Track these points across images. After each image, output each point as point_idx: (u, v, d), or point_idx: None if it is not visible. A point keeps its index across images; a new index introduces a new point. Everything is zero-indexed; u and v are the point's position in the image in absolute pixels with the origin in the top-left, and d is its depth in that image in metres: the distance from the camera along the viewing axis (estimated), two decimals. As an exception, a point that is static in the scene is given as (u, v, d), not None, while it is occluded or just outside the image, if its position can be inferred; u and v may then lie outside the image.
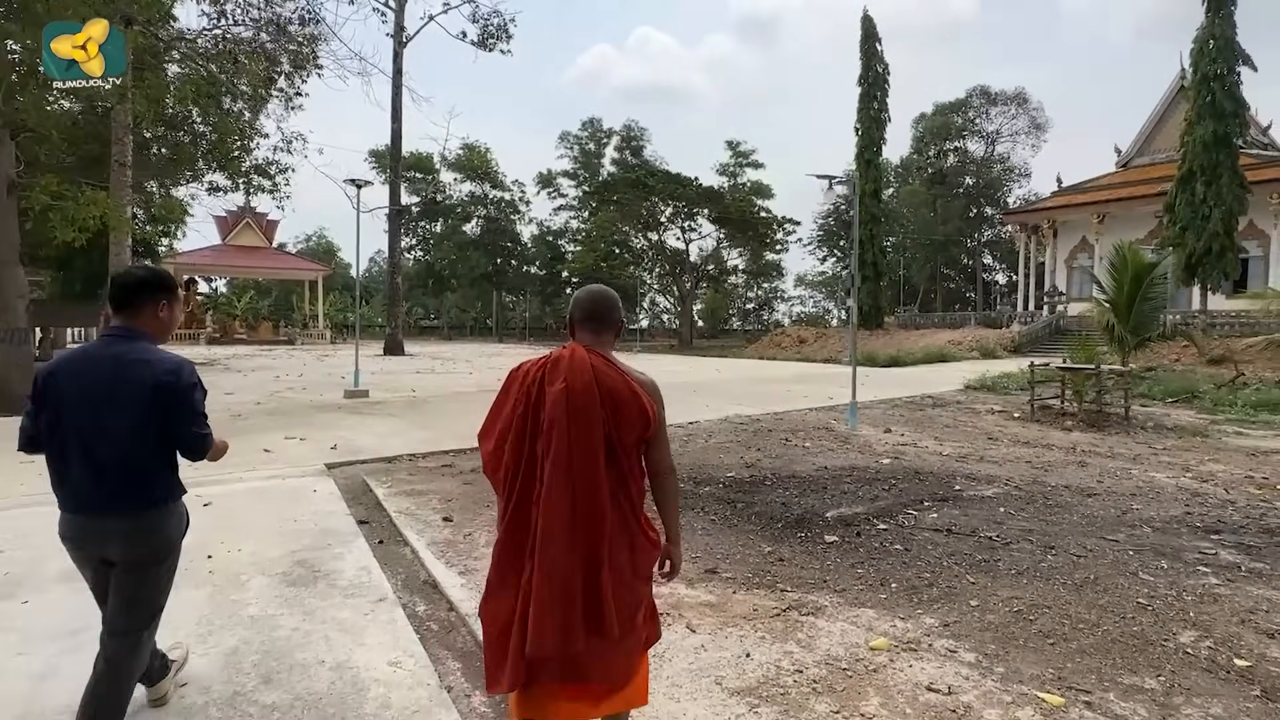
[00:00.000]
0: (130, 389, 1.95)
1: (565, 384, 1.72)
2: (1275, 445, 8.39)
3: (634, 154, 51.04)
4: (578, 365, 1.76)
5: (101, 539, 2.01)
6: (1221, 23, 19.91)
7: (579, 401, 1.71)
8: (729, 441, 7.97)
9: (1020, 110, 53.88)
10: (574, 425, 1.70)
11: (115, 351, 1.99)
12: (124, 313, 2.05)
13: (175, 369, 2.00)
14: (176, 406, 2.00)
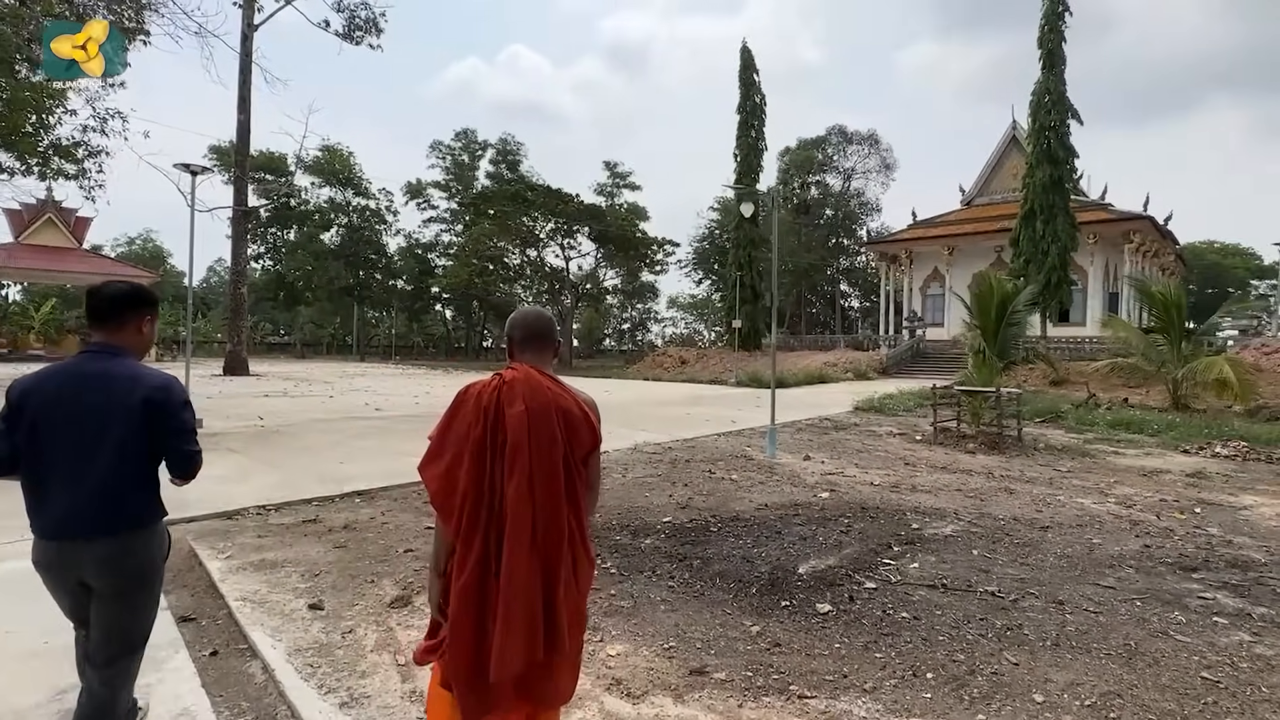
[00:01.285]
0: (118, 406, 1.88)
1: (525, 406, 1.73)
2: (1154, 464, 8.81)
3: (510, 168, 49.56)
4: (534, 386, 1.77)
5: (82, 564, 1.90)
6: (1054, 79, 22.27)
7: (540, 422, 1.72)
8: (649, 476, 7.09)
9: (873, 150, 58.29)
10: (536, 446, 1.71)
11: (100, 368, 1.92)
12: (105, 328, 1.97)
13: (165, 385, 1.94)
14: (167, 424, 1.92)
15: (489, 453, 1.71)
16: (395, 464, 7.29)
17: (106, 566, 1.91)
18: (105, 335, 1.97)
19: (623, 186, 47.42)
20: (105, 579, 1.92)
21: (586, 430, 1.82)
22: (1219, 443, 10.25)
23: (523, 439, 1.69)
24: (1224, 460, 9.33)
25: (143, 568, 2.00)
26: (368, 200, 47.12)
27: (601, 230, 35.59)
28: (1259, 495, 6.95)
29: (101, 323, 1.97)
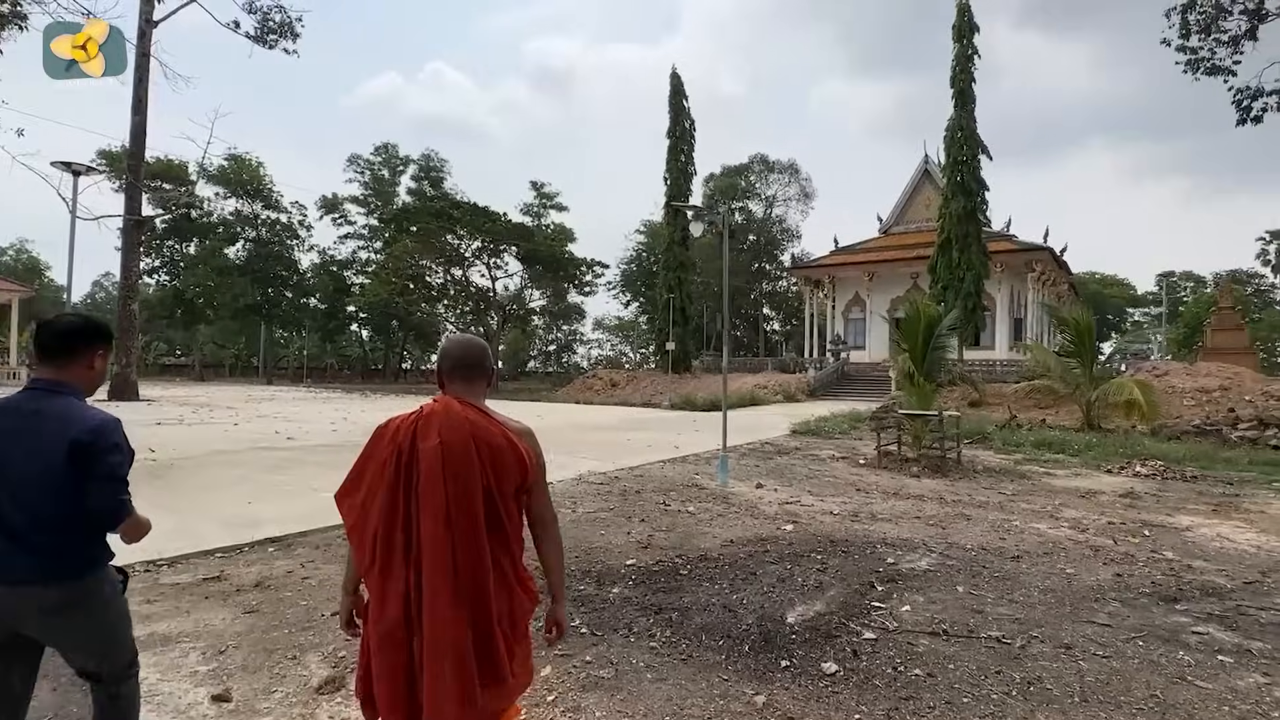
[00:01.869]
0: (47, 449, 1.77)
1: (440, 439, 1.67)
2: (1087, 484, 9.04)
3: (433, 185, 48.11)
4: (452, 419, 1.71)
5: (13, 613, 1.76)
6: (966, 117, 23.58)
7: (455, 456, 1.66)
8: (601, 511, 6.59)
9: (793, 178, 60.29)
10: (450, 481, 1.65)
11: (37, 406, 1.82)
12: (53, 363, 1.87)
13: (96, 428, 1.81)
14: (91, 468, 1.79)
15: (402, 489, 1.66)
16: (315, 503, 6.49)
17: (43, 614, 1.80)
18: (52, 370, 1.88)
19: (550, 207, 46.87)
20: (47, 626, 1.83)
21: (514, 462, 1.73)
22: (1137, 461, 10.71)
23: (436, 474, 1.64)
24: (1146, 479, 9.71)
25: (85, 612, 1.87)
26: (278, 214, 44.56)
27: (530, 250, 34.89)
28: (1192, 515, 7.15)
29: (49, 357, 1.87)
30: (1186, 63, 15.29)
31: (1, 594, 1.76)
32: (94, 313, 23.94)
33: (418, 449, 1.66)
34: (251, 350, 54.02)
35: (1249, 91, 14.88)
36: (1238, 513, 7.34)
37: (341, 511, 1.76)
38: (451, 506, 1.64)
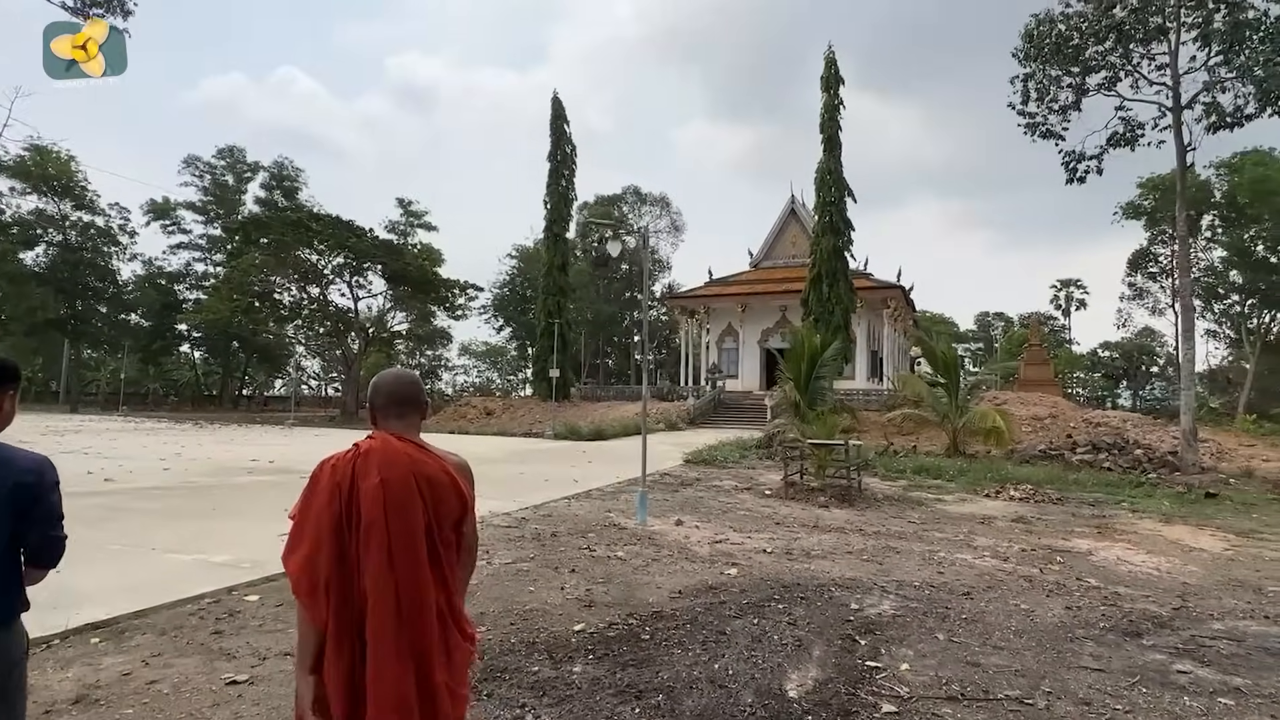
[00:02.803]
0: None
1: (381, 477, 1.62)
2: (976, 509, 9.43)
3: (286, 196, 44.15)
4: (391, 455, 1.66)
5: None
6: (834, 161, 25.17)
7: (397, 494, 1.61)
8: (521, 560, 5.77)
9: (664, 211, 62.04)
10: (393, 521, 1.59)
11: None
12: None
13: (37, 468, 1.77)
14: (35, 510, 1.73)
15: (346, 531, 1.61)
16: (157, 567, 5.19)
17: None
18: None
19: (418, 225, 44.51)
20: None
21: (454, 496, 1.72)
22: (1011, 485, 11.45)
23: (378, 513, 1.60)
24: (1022, 502, 10.35)
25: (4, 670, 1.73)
26: (93, 216, 38.70)
27: (399, 269, 32.63)
28: (1083, 539, 7.55)
29: None
30: (1025, 125, 17.16)
31: None
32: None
33: (358, 488, 1.61)
34: (53, 373, 46.25)
35: (1075, 155, 16.94)
36: (1117, 534, 7.87)
37: (288, 571, 1.63)
38: (394, 545, 1.59)
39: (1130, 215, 42.64)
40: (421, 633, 1.60)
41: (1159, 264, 46.27)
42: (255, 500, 8.54)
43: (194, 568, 5.22)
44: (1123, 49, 14.72)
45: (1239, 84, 14.10)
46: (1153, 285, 47.07)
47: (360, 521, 1.59)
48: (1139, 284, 47.27)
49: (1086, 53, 14.89)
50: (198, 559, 5.45)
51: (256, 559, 5.45)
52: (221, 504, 7.92)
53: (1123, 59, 15.43)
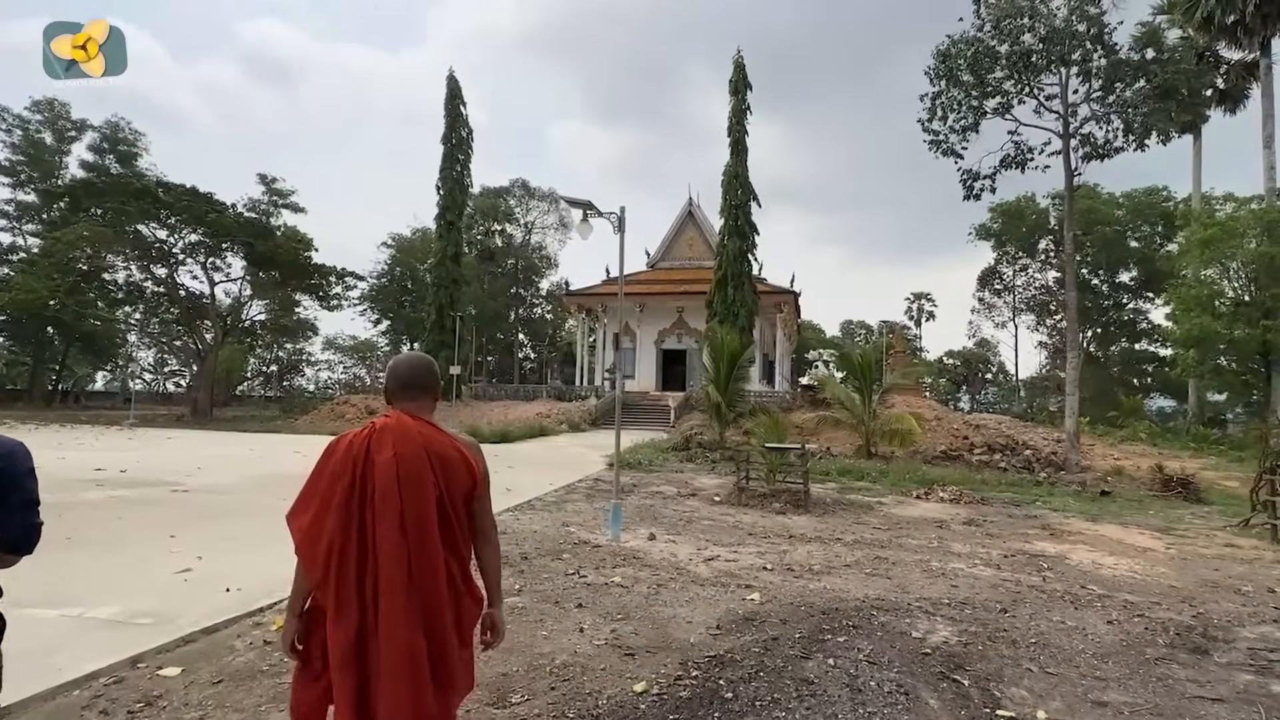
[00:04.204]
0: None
1: (395, 451, 1.73)
2: (922, 513, 9.49)
3: (121, 162, 38.27)
4: (405, 431, 1.78)
5: None
6: (740, 165, 25.46)
7: (410, 467, 1.73)
8: (509, 594, 4.81)
9: (552, 207, 60.74)
10: (406, 492, 1.71)
11: None
12: None
13: (9, 453, 1.72)
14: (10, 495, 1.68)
15: (358, 501, 1.71)
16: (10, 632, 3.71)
17: None
18: None
19: (283, 206, 40.24)
20: None
21: (464, 471, 1.83)
22: (939, 488, 11.76)
23: (391, 485, 1.70)
24: (954, 504, 10.60)
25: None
26: None
27: (267, 252, 29.10)
28: (1042, 541, 7.69)
29: None
30: (929, 143, 18.02)
31: None
32: None
33: (373, 461, 1.72)
34: None
35: (971, 174, 18.01)
36: (1066, 536, 8.10)
37: (291, 530, 1.78)
38: (407, 515, 1.70)
39: (981, 236, 47.05)
40: (432, 595, 1.70)
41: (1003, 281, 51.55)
42: (124, 524, 6.79)
43: (72, 630, 3.82)
44: (1021, 78, 15.78)
45: (1110, 119, 15.54)
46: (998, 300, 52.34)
47: (375, 492, 1.70)
48: (987, 299, 52.34)
49: (989, 77, 15.81)
50: (72, 615, 4.02)
51: (160, 610, 4.13)
52: (79, 531, 6.19)
53: (1019, 86, 16.58)
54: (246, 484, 10.09)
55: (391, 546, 1.67)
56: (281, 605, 4.30)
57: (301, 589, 1.79)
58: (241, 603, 4.32)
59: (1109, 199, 41.93)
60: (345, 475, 1.72)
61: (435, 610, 1.70)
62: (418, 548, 1.69)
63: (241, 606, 4.26)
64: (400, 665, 1.62)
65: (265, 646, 3.69)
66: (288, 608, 1.82)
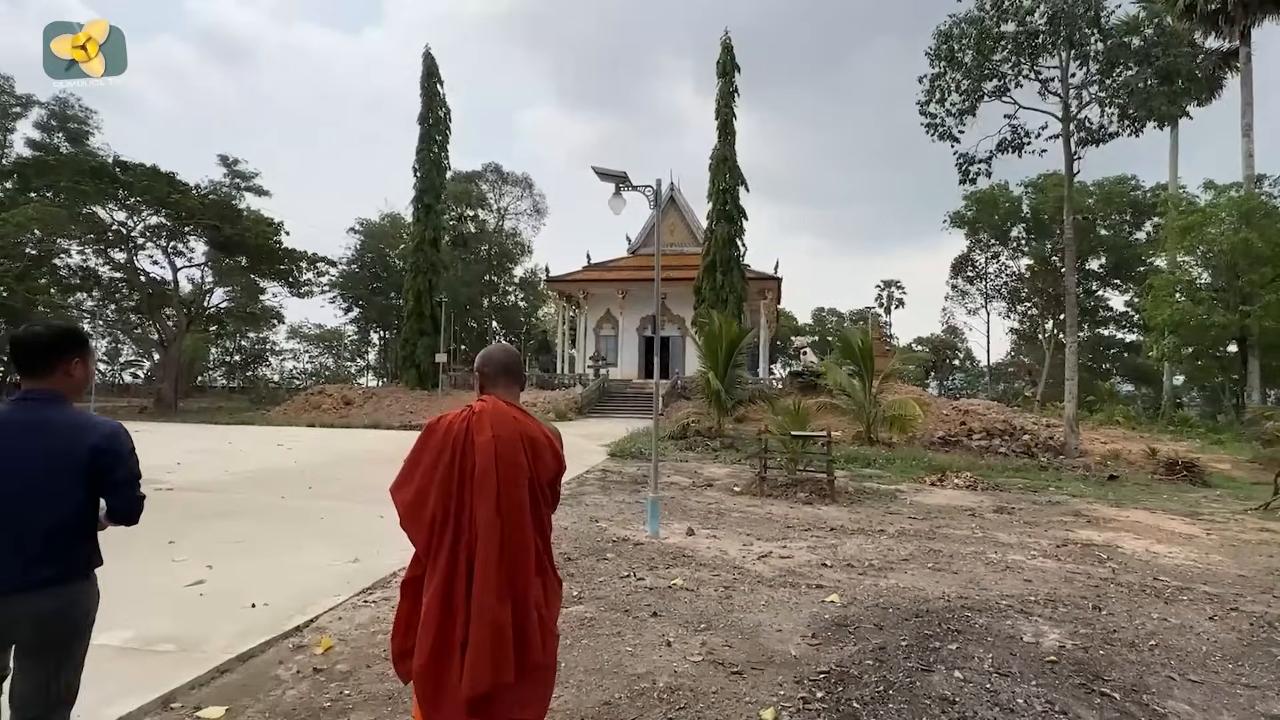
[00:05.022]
0: (61, 455, 1.81)
1: (493, 433, 1.83)
2: (945, 500, 9.27)
3: (72, 141, 36.07)
4: (502, 416, 1.89)
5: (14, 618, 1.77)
6: (729, 148, 25.02)
7: (507, 449, 1.83)
8: (571, 601, 4.37)
9: (526, 192, 59.56)
10: (502, 472, 1.81)
11: (43, 416, 1.84)
12: (35, 375, 1.88)
13: (113, 433, 1.89)
14: (115, 472, 1.87)
15: (457, 478, 1.81)
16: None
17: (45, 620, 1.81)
18: (37, 382, 1.89)
19: (246, 189, 38.47)
20: (42, 633, 1.82)
21: (551, 456, 1.94)
22: (952, 475, 11.60)
23: (490, 465, 1.80)
24: (971, 490, 10.43)
25: (80, 619, 1.91)
26: None
27: (233, 236, 27.71)
28: (1084, 529, 7.49)
29: (30, 369, 1.89)
30: (926, 126, 17.81)
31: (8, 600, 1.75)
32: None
33: (473, 442, 1.83)
34: None
35: (967, 157, 17.88)
36: (1105, 524, 7.92)
37: (396, 503, 1.89)
38: (502, 494, 1.79)
39: (956, 224, 47.47)
40: (521, 572, 1.81)
41: (975, 269, 52.20)
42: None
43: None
44: (1022, 59, 15.62)
45: (1110, 103, 15.49)
46: (971, 288, 53.01)
47: (475, 470, 1.80)
48: (960, 286, 52.95)
49: (991, 59, 15.62)
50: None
51: (181, 633, 3.57)
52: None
53: (1017, 69, 16.43)
54: (236, 481, 9.40)
55: (488, 524, 1.75)
56: (319, 623, 3.80)
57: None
58: (273, 621, 3.79)
59: (1080, 188, 42.60)
60: (446, 453, 1.81)
61: (522, 587, 1.78)
62: (511, 526, 1.78)
63: (274, 625, 3.73)
64: (486, 636, 1.69)
65: (317, 676, 3.18)
66: None
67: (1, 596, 1.75)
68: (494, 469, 1.78)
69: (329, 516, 6.82)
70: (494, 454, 1.80)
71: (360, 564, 5.05)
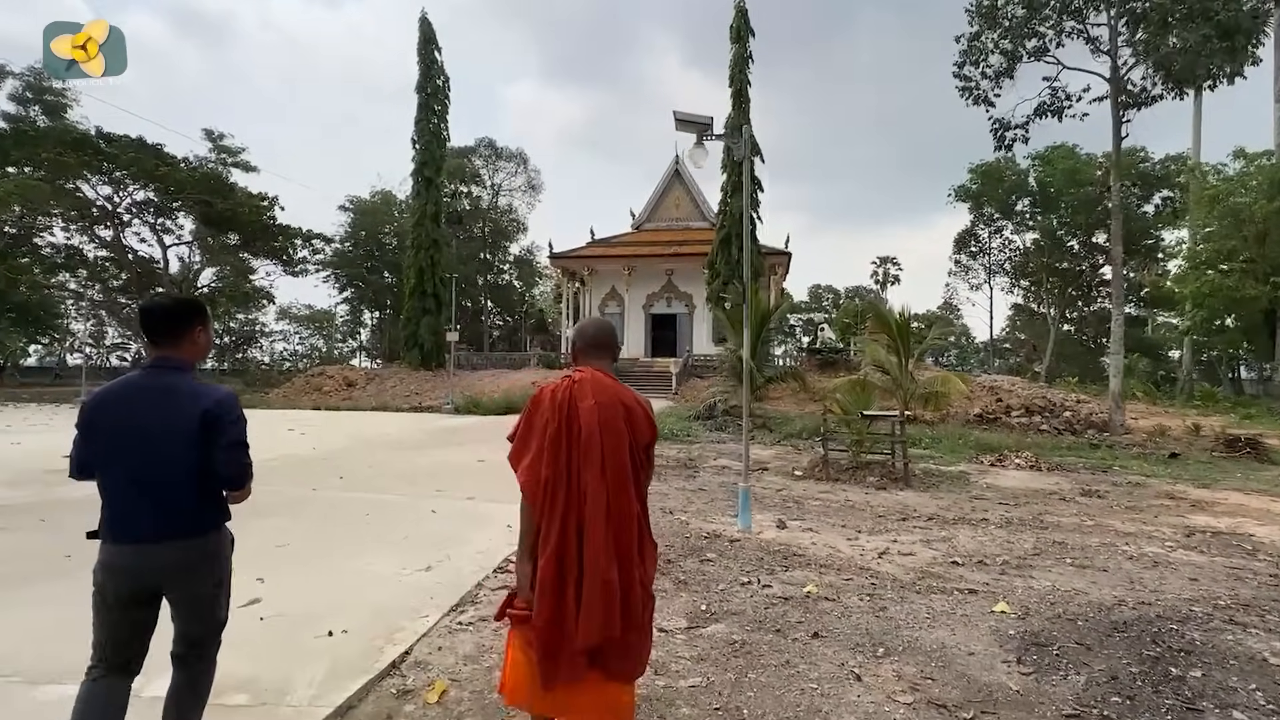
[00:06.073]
0: (180, 419, 1.94)
1: (595, 400, 1.93)
2: (1020, 483, 8.66)
3: (49, 114, 34.43)
4: (602, 384, 1.99)
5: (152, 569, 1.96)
6: (742, 115, 24.04)
7: (609, 415, 1.93)
8: (699, 619, 3.67)
9: (521, 168, 58.06)
10: (606, 435, 1.90)
11: (166, 383, 1.99)
12: (163, 343, 2.03)
13: (223, 399, 2.00)
14: (221, 436, 1.97)
15: (565, 443, 1.90)
16: None
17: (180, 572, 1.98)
18: (164, 350, 2.03)
19: (233, 165, 37.00)
20: (179, 578, 1.99)
21: (646, 423, 2.03)
22: (1011, 454, 11.01)
23: (595, 430, 1.89)
24: (1039, 472, 9.84)
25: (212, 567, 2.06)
26: None
27: (225, 212, 26.46)
28: (1205, 515, 6.89)
29: (159, 338, 2.03)
30: (960, 89, 16.99)
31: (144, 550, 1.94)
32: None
33: (577, 408, 1.92)
34: None
35: (1003, 123, 17.08)
36: (1212, 507, 7.32)
37: (517, 472, 1.96)
38: (607, 459, 1.89)
39: (960, 198, 46.72)
40: (625, 534, 1.90)
41: (979, 244, 51.53)
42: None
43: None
44: (1067, 17, 14.79)
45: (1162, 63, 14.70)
46: (974, 263, 52.40)
47: (581, 435, 1.88)
48: (964, 261, 52.32)
49: (1039, 15, 14.78)
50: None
51: (254, 675, 2.83)
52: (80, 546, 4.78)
53: (1057, 29, 15.59)
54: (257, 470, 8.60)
55: (594, 488, 1.86)
56: (415, 654, 3.09)
57: (530, 528, 1.94)
58: (362, 655, 3.07)
59: (1087, 159, 41.86)
60: (554, 421, 1.91)
61: (626, 548, 1.90)
62: (615, 490, 1.89)
63: (364, 661, 3.00)
64: (598, 593, 1.82)
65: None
66: (521, 552, 1.98)
67: (142, 546, 1.93)
68: (598, 434, 1.87)
69: (374, 512, 6.07)
70: (598, 420, 1.89)
71: (434, 573, 4.33)
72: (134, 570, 1.94)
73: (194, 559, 1.99)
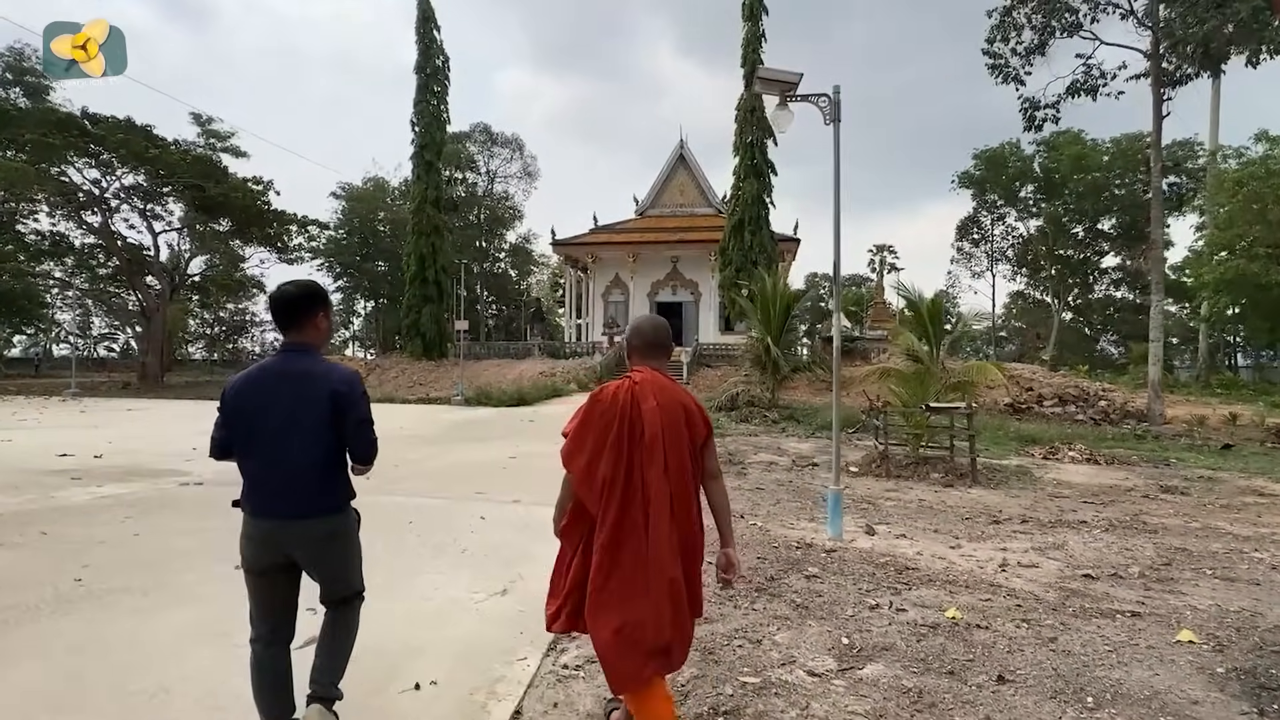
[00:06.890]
0: (313, 400, 2.04)
1: (656, 401, 1.97)
2: (1089, 479, 8.16)
3: (30, 95, 33.22)
4: (661, 385, 2.05)
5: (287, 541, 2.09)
6: (756, 98, 23.30)
7: (670, 415, 1.98)
8: (820, 650, 3.09)
9: (516, 154, 57.00)
10: (668, 437, 1.95)
11: (301, 367, 2.09)
12: (292, 329, 2.14)
13: (349, 379, 2.11)
14: (350, 414, 2.08)
15: (628, 443, 1.94)
16: None
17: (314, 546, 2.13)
18: (293, 335, 2.14)
19: (223, 150, 35.87)
20: (315, 550, 2.14)
21: (701, 421, 2.08)
22: (1064, 447, 10.51)
23: (658, 430, 1.94)
24: (1100, 465, 9.35)
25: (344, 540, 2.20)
26: None
27: (218, 197, 25.50)
28: (1298, 513, 6.39)
29: (288, 324, 2.14)
30: (990, 67, 16.39)
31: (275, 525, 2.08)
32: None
33: (639, 408, 1.96)
34: None
35: (1032, 102, 16.50)
36: (1305, 504, 6.84)
37: (571, 470, 2.01)
38: (669, 458, 1.94)
39: (964, 184, 46.26)
40: (687, 530, 1.98)
41: (981, 231, 51.05)
42: (147, 546, 4.68)
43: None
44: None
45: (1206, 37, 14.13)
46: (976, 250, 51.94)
47: (644, 435, 1.93)
48: (966, 248, 51.86)
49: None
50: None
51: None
52: (93, 563, 4.13)
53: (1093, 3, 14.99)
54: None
55: (658, 484, 1.90)
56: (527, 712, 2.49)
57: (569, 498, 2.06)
58: (459, 710, 2.47)
59: (1094, 146, 41.37)
60: (615, 421, 1.95)
61: (690, 543, 1.99)
62: (677, 486, 1.94)
63: (462, 715, 2.41)
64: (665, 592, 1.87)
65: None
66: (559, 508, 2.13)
67: (280, 521, 2.08)
68: (661, 434, 1.93)
69: (418, 520, 5.45)
70: (660, 420, 1.94)
71: (512, 597, 3.73)
72: (271, 542, 2.09)
73: (324, 536, 2.12)
